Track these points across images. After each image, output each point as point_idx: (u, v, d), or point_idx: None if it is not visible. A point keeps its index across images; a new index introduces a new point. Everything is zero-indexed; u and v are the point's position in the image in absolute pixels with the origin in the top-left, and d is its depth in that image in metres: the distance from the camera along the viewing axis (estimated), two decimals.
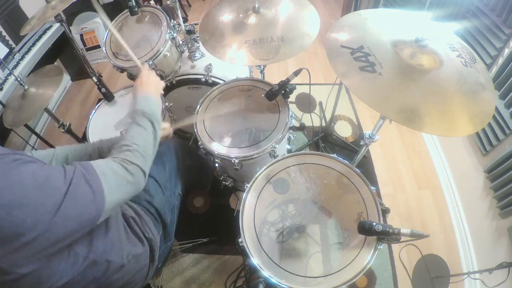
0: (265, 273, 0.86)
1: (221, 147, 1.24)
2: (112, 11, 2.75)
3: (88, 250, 0.74)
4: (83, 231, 0.65)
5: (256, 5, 1.32)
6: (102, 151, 0.99)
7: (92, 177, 0.64)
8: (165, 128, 1.17)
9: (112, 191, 0.66)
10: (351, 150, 2.05)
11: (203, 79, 1.61)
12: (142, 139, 0.81)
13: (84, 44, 2.79)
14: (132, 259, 0.90)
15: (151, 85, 0.98)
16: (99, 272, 0.79)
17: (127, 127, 0.84)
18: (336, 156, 1.09)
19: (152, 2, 1.68)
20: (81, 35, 2.75)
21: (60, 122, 1.62)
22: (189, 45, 1.70)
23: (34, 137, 2.18)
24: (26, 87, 1.45)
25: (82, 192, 0.61)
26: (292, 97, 1.35)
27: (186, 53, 1.74)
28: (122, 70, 1.54)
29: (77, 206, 0.60)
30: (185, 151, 1.33)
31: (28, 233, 0.54)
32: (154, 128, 0.86)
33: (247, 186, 1.05)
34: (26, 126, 1.80)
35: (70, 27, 2.68)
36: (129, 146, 0.77)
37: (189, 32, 1.66)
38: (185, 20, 3.32)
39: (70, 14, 2.68)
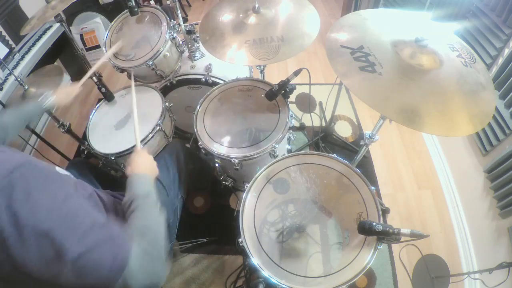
0: (265, 273, 0.86)
1: (221, 147, 1.24)
2: (112, 11, 2.77)
3: None
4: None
5: (256, 5, 1.32)
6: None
7: (119, 238, 0.60)
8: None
9: (137, 265, 0.60)
10: (351, 150, 2.05)
11: (203, 79, 1.62)
12: (157, 227, 0.73)
13: (84, 44, 2.79)
14: None
15: (148, 169, 0.93)
16: None
17: (136, 214, 0.74)
18: (336, 156, 1.09)
19: (152, 2, 1.68)
20: (81, 35, 2.75)
21: (60, 122, 1.62)
22: (189, 45, 1.70)
23: (34, 137, 2.17)
24: (26, 87, 1.45)
25: (102, 247, 0.57)
26: (292, 97, 1.35)
27: (186, 53, 1.74)
28: (122, 70, 1.54)
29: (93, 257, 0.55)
30: (187, 155, 1.34)
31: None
32: (160, 210, 0.80)
33: (247, 186, 1.05)
34: (26, 126, 1.80)
35: (70, 27, 2.68)
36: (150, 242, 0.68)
37: (189, 32, 1.67)
38: (185, 20, 3.32)
39: (70, 14, 2.68)
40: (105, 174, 1.35)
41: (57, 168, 0.74)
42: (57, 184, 0.57)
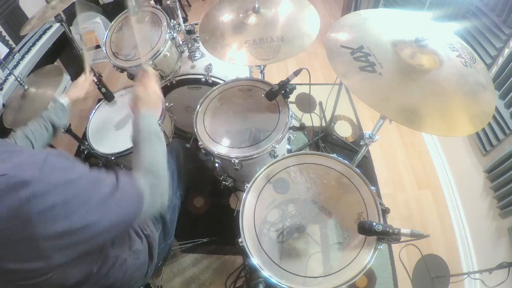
0: (265, 273, 0.86)
1: (221, 147, 1.24)
2: (112, 11, 2.77)
3: (102, 245, 0.77)
4: (118, 231, 0.69)
5: (256, 5, 1.32)
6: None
7: (134, 187, 0.69)
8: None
9: (147, 200, 0.70)
10: (351, 150, 2.05)
11: (203, 79, 1.61)
12: (159, 159, 0.82)
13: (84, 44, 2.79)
14: (133, 254, 0.91)
15: (152, 102, 0.95)
16: (106, 268, 0.80)
17: (140, 150, 0.82)
18: (336, 156, 1.09)
19: (152, 2, 1.68)
20: (81, 35, 2.75)
21: None
22: (189, 45, 1.70)
23: None
24: (26, 87, 1.45)
25: (126, 198, 0.66)
26: (292, 97, 1.35)
27: (186, 53, 1.74)
28: (122, 70, 1.54)
29: (119, 207, 0.64)
30: (186, 153, 1.34)
31: (79, 224, 0.56)
32: (162, 141, 0.87)
33: (247, 186, 1.05)
34: (29, 122, 1.80)
35: (70, 27, 2.68)
36: (151, 171, 0.78)
37: (189, 32, 1.66)
38: (185, 20, 3.32)
39: (70, 14, 2.68)
40: None
41: None
42: (78, 163, 0.63)
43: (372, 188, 1.00)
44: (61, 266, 0.61)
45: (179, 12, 1.52)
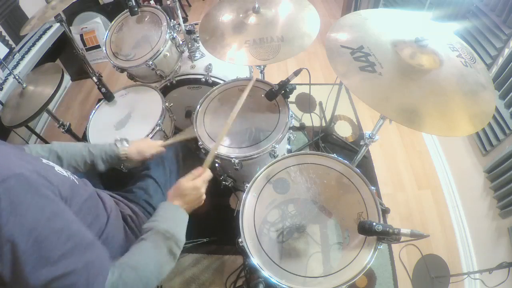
0: (265, 273, 0.86)
1: (221, 147, 1.24)
2: (112, 11, 2.77)
3: None
4: None
5: (256, 5, 1.31)
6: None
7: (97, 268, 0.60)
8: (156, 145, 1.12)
9: None
10: (351, 150, 2.05)
11: (203, 79, 1.61)
12: (154, 273, 0.70)
13: (84, 44, 2.79)
14: None
15: (190, 204, 0.86)
16: None
17: (145, 242, 0.72)
18: (336, 156, 1.09)
19: (152, 2, 1.68)
20: (81, 35, 2.75)
21: (60, 122, 1.62)
22: (189, 45, 1.70)
23: (34, 137, 2.17)
24: (25, 85, 1.45)
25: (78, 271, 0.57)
26: (292, 97, 1.35)
27: (186, 53, 1.74)
28: (122, 70, 1.54)
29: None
30: (185, 153, 1.34)
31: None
32: (171, 251, 0.74)
33: (247, 186, 1.05)
34: (26, 126, 1.80)
35: (70, 27, 2.68)
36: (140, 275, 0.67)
37: (189, 32, 1.66)
38: (185, 20, 3.32)
39: (70, 14, 2.68)
40: (106, 174, 1.35)
41: (56, 168, 0.73)
42: (46, 200, 0.57)
43: (372, 188, 1.00)
44: None
45: (179, 12, 1.52)
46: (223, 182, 1.43)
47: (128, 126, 1.43)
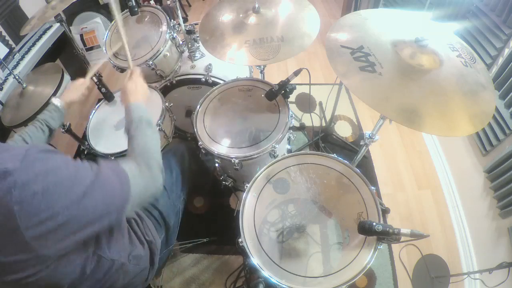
0: (265, 273, 0.86)
1: (221, 147, 1.24)
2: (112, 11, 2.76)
3: (96, 246, 0.75)
4: (110, 219, 0.66)
5: (256, 5, 1.32)
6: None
7: (117, 169, 0.69)
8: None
9: (137, 182, 0.70)
10: (351, 150, 2.05)
11: (203, 79, 1.61)
12: (150, 145, 0.85)
13: (84, 44, 2.79)
14: (133, 259, 0.90)
15: (140, 94, 1.01)
16: (102, 272, 0.79)
17: (133, 137, 0.86)
18: (336, 156, 1.09)
19: (152, 2, 1.68)
20: (81, 35, 2.75)
21: None
22: (189, 45, 1.70)
23: None
24: (25, 85, 1.45)
25: (110, 181, 0.65)
26: (292, 97, 1.35)
27: (186, 53, 1.74)
28: (122, 70, 1.54)
29: (105, 192, 0.63)
30: (191, 156, 1.34)
31: (62, 214, 0.55)
32: (153, 129, 0.91)
33: (247, 186, 1.05)
34: (27, 126, 1.80)
35: (70, 27, 2.68)
36: (143, 156, 0.80)
37: (189, 32, 1.66)
38: (185, 20, 3.32)
39: (70, 14, 2.68)
40: None
41: None
42: (59, 153, 0.63)
43: (372, 188, 1.00)
44: (50, 261, 0.60)
45: (179, 12, 1.52)
46: (223, 182, 1.43)
47: None
